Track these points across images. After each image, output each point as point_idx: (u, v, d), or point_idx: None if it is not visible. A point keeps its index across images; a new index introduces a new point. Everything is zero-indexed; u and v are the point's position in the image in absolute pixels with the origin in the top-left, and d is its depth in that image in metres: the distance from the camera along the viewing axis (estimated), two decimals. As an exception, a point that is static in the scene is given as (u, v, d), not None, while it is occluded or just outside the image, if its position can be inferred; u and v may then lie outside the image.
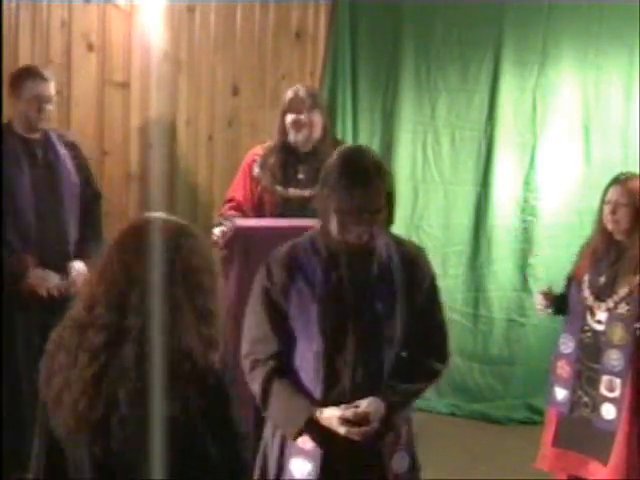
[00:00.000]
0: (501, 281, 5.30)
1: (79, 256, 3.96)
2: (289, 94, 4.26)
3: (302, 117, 4.18)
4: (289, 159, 4.24)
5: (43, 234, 3.90)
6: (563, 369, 3.65)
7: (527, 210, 5.26)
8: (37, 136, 3.94)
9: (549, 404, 3.76)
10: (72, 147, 4.06)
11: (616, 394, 3.47)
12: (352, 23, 5.17)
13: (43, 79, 3.89)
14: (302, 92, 4.23)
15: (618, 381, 3.46)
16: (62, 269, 3.91)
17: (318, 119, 4.22)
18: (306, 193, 4.20)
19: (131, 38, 4.55)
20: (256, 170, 4.26)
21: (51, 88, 3.92)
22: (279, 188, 4.20)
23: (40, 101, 3.87)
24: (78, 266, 3.93)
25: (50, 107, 3.91)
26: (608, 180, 3.73)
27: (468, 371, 5.29)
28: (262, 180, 4.23)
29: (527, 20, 5.18)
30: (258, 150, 4.34)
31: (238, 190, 4.28)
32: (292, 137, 4.20)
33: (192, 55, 4.84)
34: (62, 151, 4.00)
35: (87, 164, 4.13)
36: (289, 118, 4.19)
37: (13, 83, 3.91)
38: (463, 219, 5.28)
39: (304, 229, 4.06)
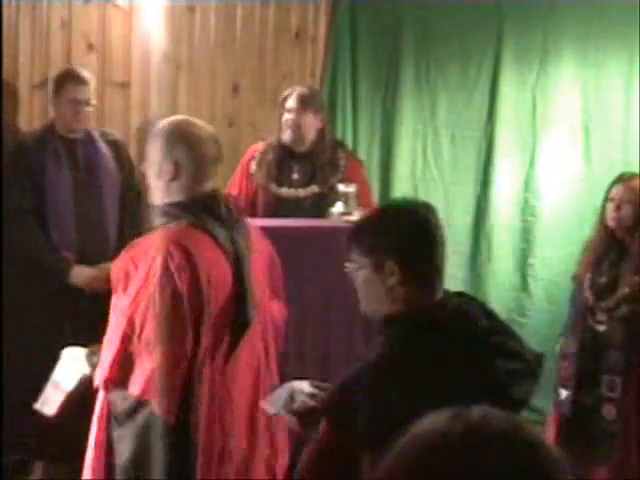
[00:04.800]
0: (501, 281, 5.29)
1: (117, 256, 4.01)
2: (284, 93, 4.30)
3: (292, 117, 4.21)
4: (285, 158, 4.26)
5: (84, 233, 3.98)
6: (565, 369, 3.66)
7: (527, 210, 5.26)
8: (78, 136, 4.02)
9: (552, 404, 3.76)
10: (114, 146, 4.12)
11: (617, 394, 3.47)
12: (352, 23, 5.17)
13: (81, 82, 3.99)
14: (296, 93, 4.27)
15: (618, 381, 3.46)
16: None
17: (311, 121, 4.24)
18: (300, 193, 4.22)
19: (131, 38, 4.55)
20: (253, 167, 4.29)
21: (89, 91, 4.00)
22: (273, 186, 4.22)
23: (76, 104, 3.97)
24: (109, 267, 3.96)
25: (87, 109, 4.00)
26: (608, 180, 3.75)
27: (468, 371, 5.29)
28: (257, 178, 4.25)
29: (527, 20, 5.18)
30: (258, 147, 4.36)
31: (234, 187, 4.29)
32: (283, 136, 4.22)
33: (192, 55, 4.84)
34: (104, 150, 4.06)
35: (130, 163, 4.18)
36: (283, 118, 4.22)
37: (55, 85, 4.03)
38: (463, 219, 5.28)
39: (297, 229, 4.09)
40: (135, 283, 2.63)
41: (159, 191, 2.75)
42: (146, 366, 2.60)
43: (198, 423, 2.65)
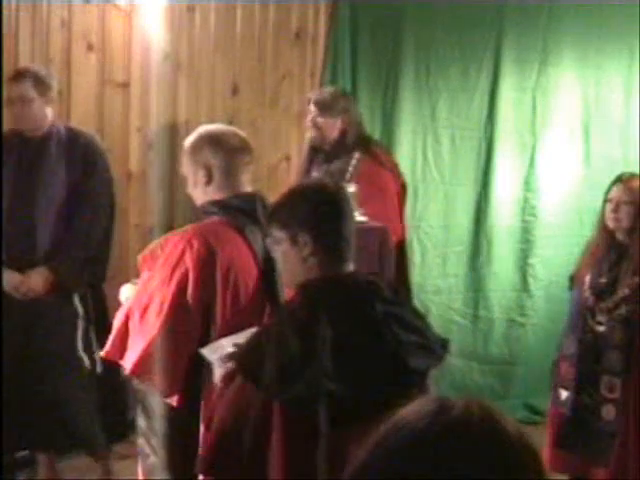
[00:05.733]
0: (501, 281, 5.30)
1: (50, 261, 3.84)
2: (308, 95, 4.59)
3: (311, 119, 4.37)
4: (314, 158, 4.47)
5: (13, 235, 3.85)
6: (565, 370, 3.65)
7: (527, 210, 5.26)
8: (38, 134, 3.89)
9: (552, 405, 3.76)
10: (74, 147, 3.92)
11: (616, 395, 3.47)
12: (352, 23, 5.17)
13: (15, 81, 3.84)
14: (315, 96, 4.45)
15: (618, 382, 3.46)
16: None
17: (329, 123, 4.35)
18: (349, 188, 4.29)
19: (131, 38, 4.54)
20: None
21: (21, 88, 3.81)
22: None
23: (9, 102, 3.85)
24: (36, 273, 3.82)
25: (22, 106, 3.82)
26: (608, 180, 3.74)
27: (468, 371, 5.29)
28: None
29: (527, 20, 5.18)
30: None
31: None
32: (307, 136, 4.47)
33: (192, 55, 4.84)
34: (54, 151, 3.90)
35: (92, 167, 3.94)
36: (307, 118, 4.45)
37: None
38: (463, 219, 5.28)
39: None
40: (154, 268, 2.74)
41: (198, 196, 2.88)
42: (139, 346, 2.66)
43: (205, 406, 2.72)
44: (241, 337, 2.49)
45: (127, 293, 2.91)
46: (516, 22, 5.18)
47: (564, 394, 3.64)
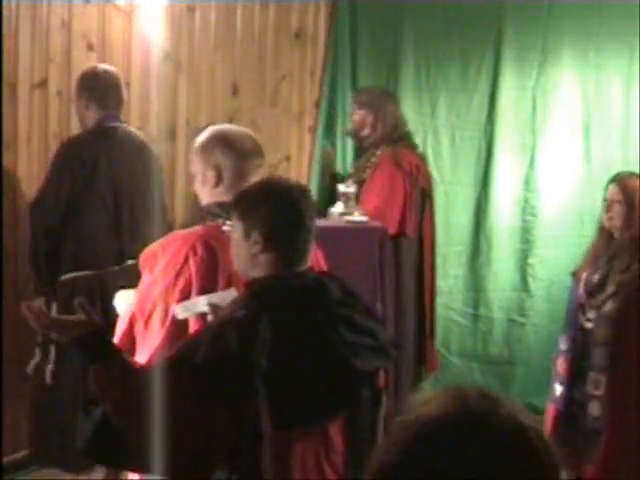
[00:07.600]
0: (501, 281, 5.30)
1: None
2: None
3: (350, 114, 4.65)
4: (358, 154, 4.76)
5: None
6: (560, 366, 3.68)
7: (527, 210, 5.27)
8: None
9: (549, 401, 3.77)
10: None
11: (602, 392, 3.47)
12: (352, 23, 5.18)
13: None
14: (356, 93, 4.81)
15: (604, 378, 3.46)
16: None
17: (362, 116, 4.55)
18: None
19: (131, 38, 4.55)
20: None
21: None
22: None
23: None
24: None
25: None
26: (608, 179, 3.76)
27: (468, 371, 5.30)
28: None
29: (527, 19, 5.19)
30: None
31: None
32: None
33: (192, 55, 4.84)
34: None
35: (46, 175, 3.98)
36: None
37: None
38: (463, 219, 5.29)
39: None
40: (156, 271, 2.68)
41: (205, 196, 2.83)
42: (144, 356, 2.62)
43: None
44: (215, 297, 2.49)
45: (122, 300, 2.87)
46: (516, 21, 5.18)
47: (558, 390, 3.65)
